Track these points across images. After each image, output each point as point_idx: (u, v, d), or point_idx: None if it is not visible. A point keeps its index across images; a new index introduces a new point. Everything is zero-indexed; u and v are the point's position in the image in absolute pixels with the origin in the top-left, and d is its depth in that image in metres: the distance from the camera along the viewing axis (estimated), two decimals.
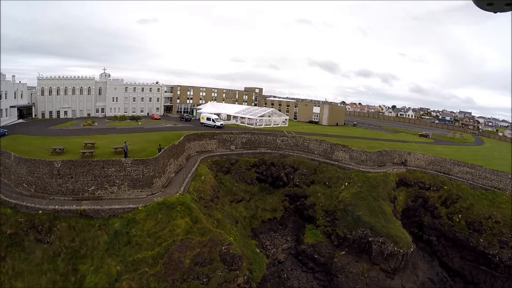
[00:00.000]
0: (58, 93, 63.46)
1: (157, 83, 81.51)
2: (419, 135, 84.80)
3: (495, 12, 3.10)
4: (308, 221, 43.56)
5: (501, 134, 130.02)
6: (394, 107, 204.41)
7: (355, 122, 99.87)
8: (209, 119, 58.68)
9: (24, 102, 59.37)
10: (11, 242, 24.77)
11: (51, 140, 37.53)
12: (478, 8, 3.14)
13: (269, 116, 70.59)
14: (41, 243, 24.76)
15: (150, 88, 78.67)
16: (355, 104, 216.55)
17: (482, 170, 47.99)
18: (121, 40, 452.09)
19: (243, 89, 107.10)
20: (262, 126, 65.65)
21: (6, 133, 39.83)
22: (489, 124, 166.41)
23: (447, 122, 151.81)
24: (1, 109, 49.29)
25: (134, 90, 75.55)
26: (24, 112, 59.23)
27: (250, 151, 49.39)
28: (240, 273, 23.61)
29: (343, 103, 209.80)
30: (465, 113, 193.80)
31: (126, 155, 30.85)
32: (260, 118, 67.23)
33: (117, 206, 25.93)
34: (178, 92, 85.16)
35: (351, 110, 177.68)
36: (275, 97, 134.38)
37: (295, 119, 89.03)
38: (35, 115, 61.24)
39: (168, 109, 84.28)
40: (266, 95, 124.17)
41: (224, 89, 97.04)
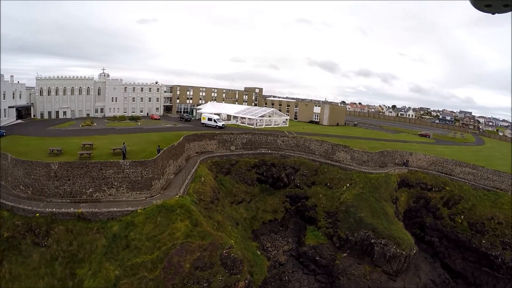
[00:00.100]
0: (57, 93, 63.02)
1: (157, 83, 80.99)
2: (419, 135, 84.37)
3: (493, 14, 3.12)
4: (309, 223, 43.14)
5: (502, 134, 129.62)
6: (395, 107, 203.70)
7: (356, 122, 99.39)
8: (211, 120, 58.07)
9: (23, 103, 58.95)
10: (8, 246, 24.38)
11: (49, 141, 37.12)
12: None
13: (270, 116, 70.12)
14: (39, 247, 24.35)
15: (150, 88, 78.15)
16: (355, 104, 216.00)
17: (484, 171, 47.63)
18: (121, 40, 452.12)
19: (243, 89, 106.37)
20: (263, 126, 65.17)
21: (4, 134, 39.24)
22: (490, 124, 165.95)
23: (448, 122, 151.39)
24: (0, 110, 48.86)
25: (134, 90, 75.03)
26: (23, 113, 58.85)
27: (251, 152, 48.92)
28: (241, 277, 23.17)
29: (343, 103, 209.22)
30: (466, 113, 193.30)
31: (125, 157, 30.44)
32: (261, 118, 66.73)
33: (116, 209, 25.47)
34: (178, 92, 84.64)
35: (351, 110, 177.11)
36: (275, 97, 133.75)
37: (296, 119, 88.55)
38: (34, 116, 60.80)
39: (168, 109, 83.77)
40: (266, 95, 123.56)
41: (224, 89, 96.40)
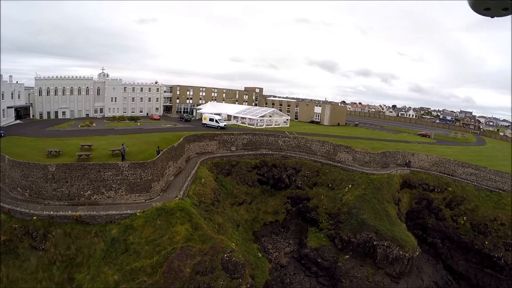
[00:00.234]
0: (56, 94, 62.59)
1: (156, 83, 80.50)
2: (419, 135, 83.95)
3: (493, 17, 3.16)
4: (311, 224, 42.69)
5: (502, 134, 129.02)
6: (395, 107, 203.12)
7: (357, 122, 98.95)
8: (212, 120, 57.41)
9: (22, 103, 58.50)
10: (5, 249, 23.94)
11: (48, 142, 36.68)
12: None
13: (270, 116, 69.66)
14: (36, 250, 23.89)
15: (149, 88, 77.65)
16: (356, 104, 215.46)
17: (487, 172, 47.21)
18: (120, 40, 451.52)
19: (243, 89, 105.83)
20: (263, 127, 64.71)
21: (2, 135, 38.76)
22: (490, 124, 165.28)
23: (448, 122, 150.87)
24: None
25: (133, 90, 74.55)
26: (22, 113, 58.42)
27: (251, 153, 48.41)
28: (243, 282, 22.72)
29: (343, 103, 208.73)
30: (466, 113, 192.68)
31: (124, 158, 29.96)
32: (261, 119, 66.25)
33: (114, 212, 24.98)
34: (178, 92, 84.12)
35: (352, 110, 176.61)
36: (276, 97, 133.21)
37: (296, 119, 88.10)
38: (33, 116, 60.36)
39: (168, 109, 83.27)
40: (266, 95, 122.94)
41: (224, 89, 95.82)
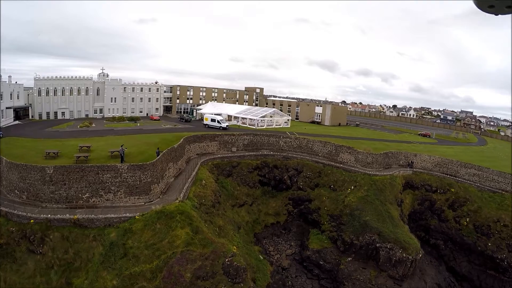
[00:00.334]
0: (56, 94, 62.16)
1: (156, 83, 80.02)
2: (419, 135, 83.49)
3: (497, 15, 3.15)
4: (313, 226, 42.25)
5: (503, 134, 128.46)
6: (395, 107, 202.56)
7: (358, 122, 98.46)
8: (214, 120, 56.76)
9: (21, 103, 58.04)
10: (3, 253, 23.48)
11: (46, 143, 36.21)
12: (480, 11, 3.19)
13: (271, 117, 69.18)
14: (34, 254, 23.45)
15: (149, 88, 77.17)
16: (356, 104, 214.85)
17: (489, 172, 46.73)
18: (120, 40, 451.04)
19: (244, 89, 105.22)
20: (264, 127, 64.23)
21: (1, 135, 38.31)
22: (491, 124, 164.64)
23: (449, 122, 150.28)
24: None
25: (133, 90, 74.08)
26: (21, 113, 57.97)
27: (252, 153, 47.93)
28: (245, 286, 22.28)
29: (344, 103, 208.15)
30: (467, 113, 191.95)
31: (123, 159, 29.46)
32: (262, 119, 65.77)
33: (113, 215, 24.49)
34: (178, 92, 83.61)
35: (352, 110, 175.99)
36: (276, 97, 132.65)
37: (297, 119, 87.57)
38: (32, 116, 59.90)
39: (168, 110, 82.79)
40: (267, 95, 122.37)
41: (225, 89, 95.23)
